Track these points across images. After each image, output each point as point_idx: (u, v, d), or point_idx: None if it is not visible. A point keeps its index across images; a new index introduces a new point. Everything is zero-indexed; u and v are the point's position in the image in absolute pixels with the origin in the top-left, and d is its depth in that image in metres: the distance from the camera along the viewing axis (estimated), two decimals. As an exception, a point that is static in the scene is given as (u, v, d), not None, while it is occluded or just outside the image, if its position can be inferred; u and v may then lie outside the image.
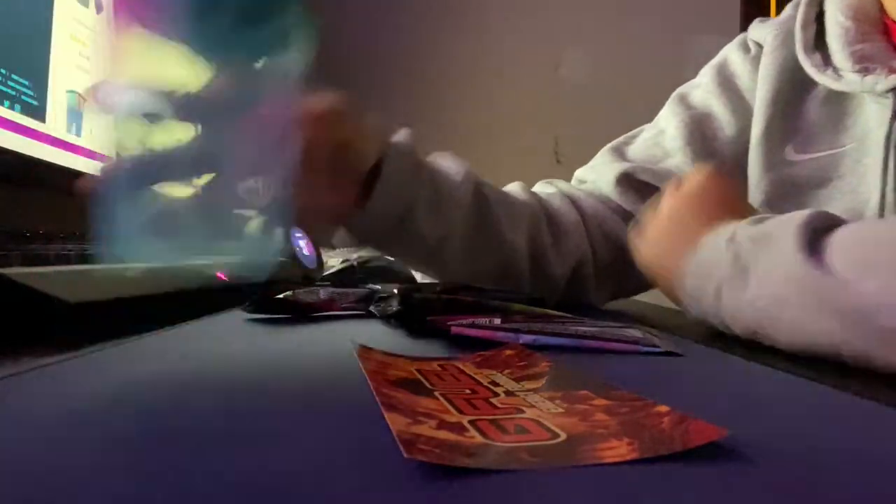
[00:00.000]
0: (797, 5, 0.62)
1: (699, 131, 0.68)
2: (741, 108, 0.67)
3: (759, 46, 0.66)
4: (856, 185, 0.55)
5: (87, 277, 0.39)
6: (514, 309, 0.46)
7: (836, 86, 0.55)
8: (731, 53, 0.70)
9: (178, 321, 0.43)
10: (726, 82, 0.68)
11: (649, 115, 0.75)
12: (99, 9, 0.65)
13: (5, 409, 0.21)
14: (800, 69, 0.59)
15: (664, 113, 0.72)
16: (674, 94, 0.73)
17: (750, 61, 0.67)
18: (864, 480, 0.17)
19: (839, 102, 0.57)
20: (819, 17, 0.59)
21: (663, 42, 1.67)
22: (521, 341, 0.36)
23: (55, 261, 0.37)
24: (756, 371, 0.32)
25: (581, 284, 0.66)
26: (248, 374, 0.29)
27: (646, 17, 1.70)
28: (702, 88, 0.70)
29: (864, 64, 0.54)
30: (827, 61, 0.57)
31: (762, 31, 0.66)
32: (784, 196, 0.59)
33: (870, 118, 0.55)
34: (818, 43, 0.58)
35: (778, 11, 1.68)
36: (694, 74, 0.73)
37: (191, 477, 0.15)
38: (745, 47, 0.68)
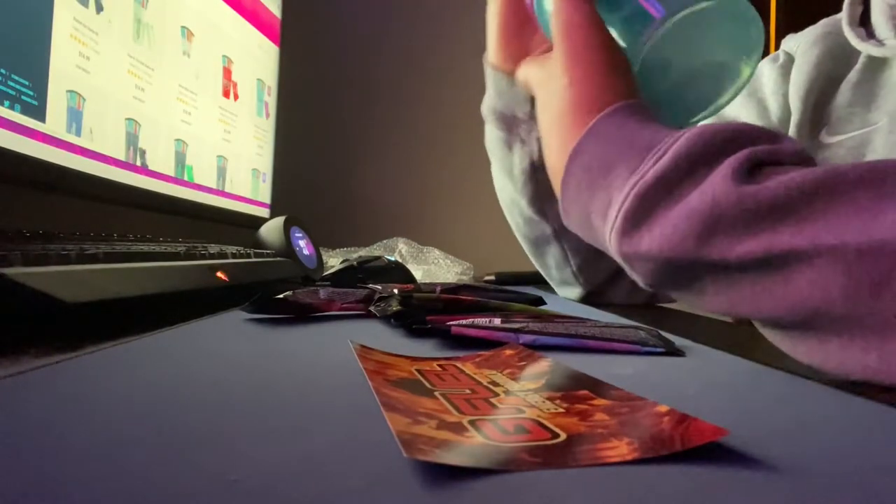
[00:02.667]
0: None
1: None
2: (763, 110, 0.73)
3: (788, 55, 0.73)
4: (888, 154, 0.59)
5: (87, 277, 0.39)
6: (514, 309, 0.46)
7: (877, 52, 0.62)
8: (762, 65, 0.76)
9: (178, 321, 0.43)
10: (754, 92, 0.74)
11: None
12: (99, 9, 0.65)
13: (5, 409, 0.21)
14: (831, 62, 0.67)
15: None
16: None
17: (777, 69, 0.73)
18: (865, 481, 0.17)
19: (871, 82, 0.63)
20: (865, 1, 0.66)
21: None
22: (521, 341, 0.36)
23: (55, 261, 0.37)
24: (756, 371, 0.32)
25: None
26: (249, 374, 0.29)
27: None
28: (734, 103, 0.76)
29: None
30: (871, 34, 0.64)
31: (792, 42, 0.73)
32: None
33: None
34: (862, 21, 0.66)
35: (778, 12, 1.68)
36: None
37: (190, 476, 0.15)
38: (775, 58, 0.75)
